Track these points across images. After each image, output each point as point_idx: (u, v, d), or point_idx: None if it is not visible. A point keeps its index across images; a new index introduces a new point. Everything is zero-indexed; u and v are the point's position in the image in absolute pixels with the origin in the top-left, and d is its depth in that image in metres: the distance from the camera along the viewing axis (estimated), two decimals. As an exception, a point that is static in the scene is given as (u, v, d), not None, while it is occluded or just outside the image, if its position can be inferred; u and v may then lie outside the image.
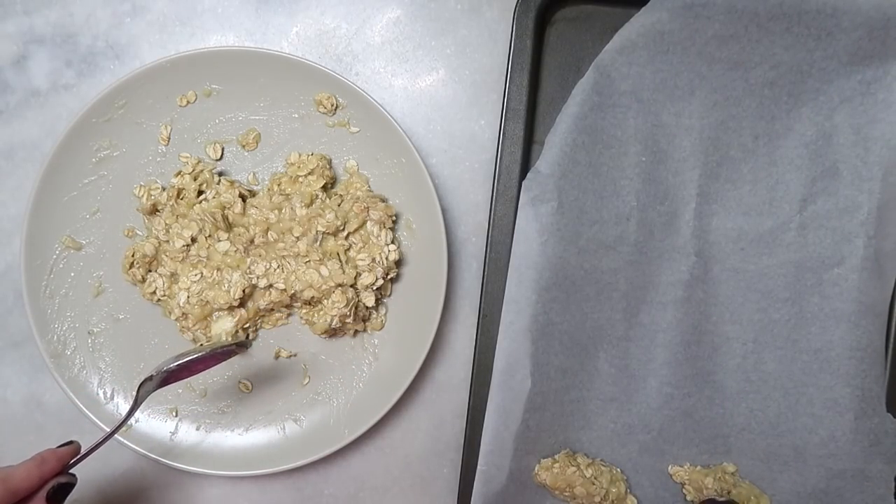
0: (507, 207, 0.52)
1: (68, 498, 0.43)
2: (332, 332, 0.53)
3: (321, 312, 0.52)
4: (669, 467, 0.53)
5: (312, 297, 0.51)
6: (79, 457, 0.44)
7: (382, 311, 0.55)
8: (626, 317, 0.52)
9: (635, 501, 0.53)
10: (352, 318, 0.52)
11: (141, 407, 0.53)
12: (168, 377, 0.46)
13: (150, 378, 0.46)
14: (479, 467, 0.50)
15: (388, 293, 0.54)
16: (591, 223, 0.51)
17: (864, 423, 0.51)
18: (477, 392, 0.53)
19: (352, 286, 0.52)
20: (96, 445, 0.45)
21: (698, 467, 0.53)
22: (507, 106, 0.53)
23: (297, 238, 0.52)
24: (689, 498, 0.53)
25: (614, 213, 0.52)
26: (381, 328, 0.54)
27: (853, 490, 0.51)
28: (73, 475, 0.43)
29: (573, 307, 0.51)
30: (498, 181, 0.53)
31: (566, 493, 0.51)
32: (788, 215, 0.52)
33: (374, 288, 0.53)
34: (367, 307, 0.53)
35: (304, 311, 0.53)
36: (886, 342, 0.52)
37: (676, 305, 0.52)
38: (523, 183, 0.50)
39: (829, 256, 0.52)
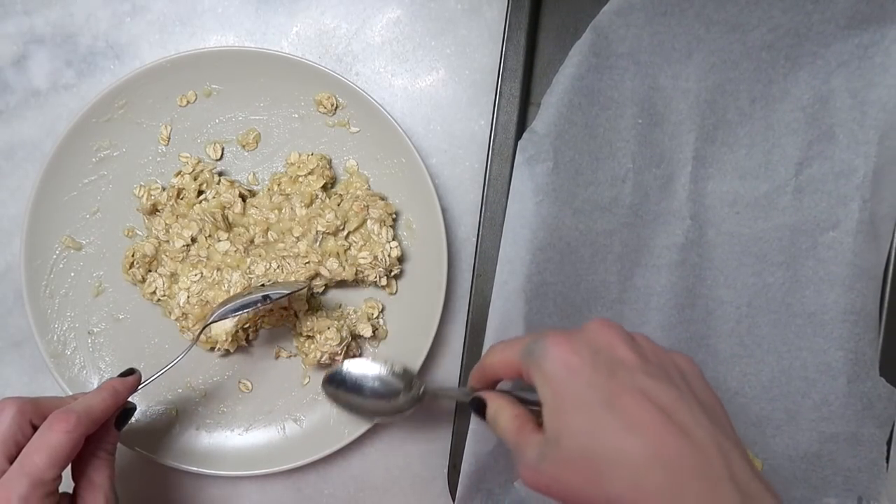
0: (503, 167, 0.53)
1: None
2: (324, 366, 0.53)
3: (313, 346, 0.52)
4: None
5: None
6: (143, 385, 0.47)
7: (382, 321, 0.55)
8: (621, 279, 0.52)
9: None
10: (342, 354, 0.52)
11: (142, 407, 0.53)
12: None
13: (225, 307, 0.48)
14: (470, 426, 0.50)
15: (394, 291, 0.54)
16: (586, 184, 0.51)
17: (857, 387, 0.51)
18: (469, 362, 0.52)
19: (351, 332, 0.53)
20: (155, 377, 0.48)
21: None
22: (503, 66, 0.53)
23: (297, 238, 0.52)
24: None
25: (610, 175, 0.52)
26: (384, 336, 0.54)
27: (846, 454, 0.51)
28: (133, 402, 0.46)
29: (567, 268, 0.51)
30: (494, 140, 0.53)
31: None
32: (784, 179, 0.52)
33: (378, 285, 0.53)
34: (361, 336, 0.53)
35: (300, 340, 0.53)
36: (881, 306, 0.52)
37: (671, 268, 0.52)
38: (519, 143, 0.50)
39: (825, 220, 0.52)
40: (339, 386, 0.49)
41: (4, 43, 0.56)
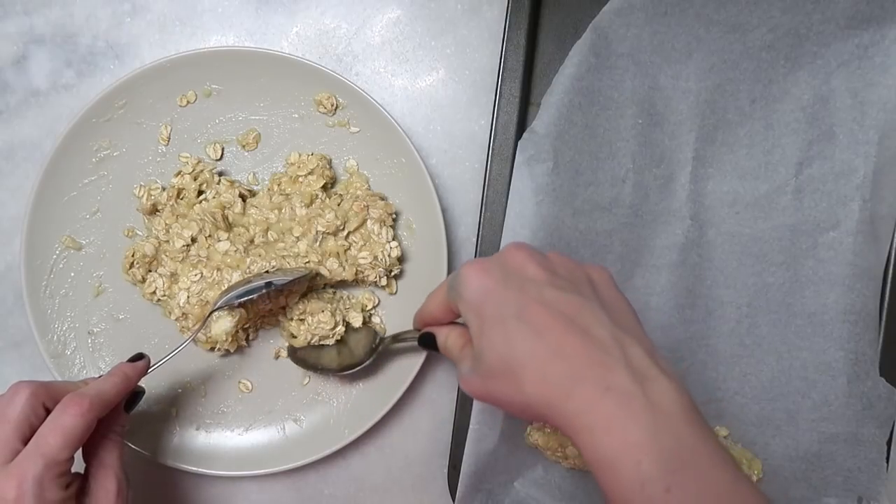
0: (503, 167, 0.53)
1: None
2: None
3: (303, 328, 0.52)
4: None
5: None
6: (152, 368, 0.48)
7: (377, 319, 0.55)
8: (621, 279, 0.52)
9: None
10: (332, 339, 0.52)
11: (141, 406, 0.53)
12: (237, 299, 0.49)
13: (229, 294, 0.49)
14: (471, 426, 0.50)
15: (394, 291, 0.54)
16: (586, 184, 0.51)
17: (857, 387, 0.51)
18: None
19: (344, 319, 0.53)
20: (165, 360, 0.48)
21: None
22: (503, 66, 0.53)
23: (297, 238, 0.52)
24: None
25: (610, 175, 0.52)
26: (383, 333, 0.54)
27: (845, 454, 0.51)
28: (142, 386, 0.48)
29: None
30: (494, 140, 0.53)
31: (558, 454, 0.51)
32: (784, 179, 0.52)
33: (378, 284, 0.53)
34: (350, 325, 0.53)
35: (289, 323, 0.53)
36: (881, 306, 0.52)
37: (671, 269, 0.52)
38: (519, 142, 0.50)
39: (825, 220, 0.52)
40: (300, 348, 0.52)
41: (4, 43, 0.56)
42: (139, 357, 0.47)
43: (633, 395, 0.32)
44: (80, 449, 0.43)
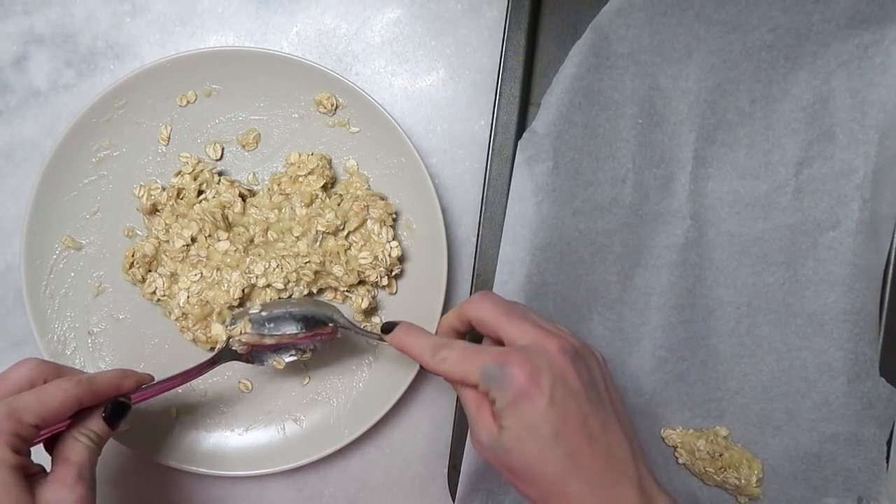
0: (503, 167, 0.53)
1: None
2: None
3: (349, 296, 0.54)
4: (662, 430, 0.53)
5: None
6: (146, 386, 0.47)
7: (377, 319, 0.55)
8: (621, 279, 0.52)
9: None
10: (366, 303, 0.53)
11: (141, 406, 0.53)
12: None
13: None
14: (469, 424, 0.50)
15: (395, 290, 0.54)
16: (586, 184, 0.51)
17: (857, 387, 0.51)
18: None
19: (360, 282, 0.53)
20: (168, 385, 0.48)
21: (691, 431, 0.53)
22: (503, 66, 0.53)
23: (297, 238, 0.52)
24: (681, 461, 0.53)
25: (610, 175, 0.52)
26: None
27: (846, 454, 0.51)
28: (130, 400, 0.45)
29: (567, 268, 0.51)
30: (494, 140, 0.53)
31: None
32: (784, 179, 0.52)
33: (378, 286, 0.54)
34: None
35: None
36: (880, 306, 0.52)
37: (671, 268, 0.52)
38: (519, 142, 0.50)
39: (825, 220, 0.52)
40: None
41: (4, 43, 0.56)
42: (146, 374, 0.47)
43: None
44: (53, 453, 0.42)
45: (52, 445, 0.42)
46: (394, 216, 0.53)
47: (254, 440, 0.54)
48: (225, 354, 0.50)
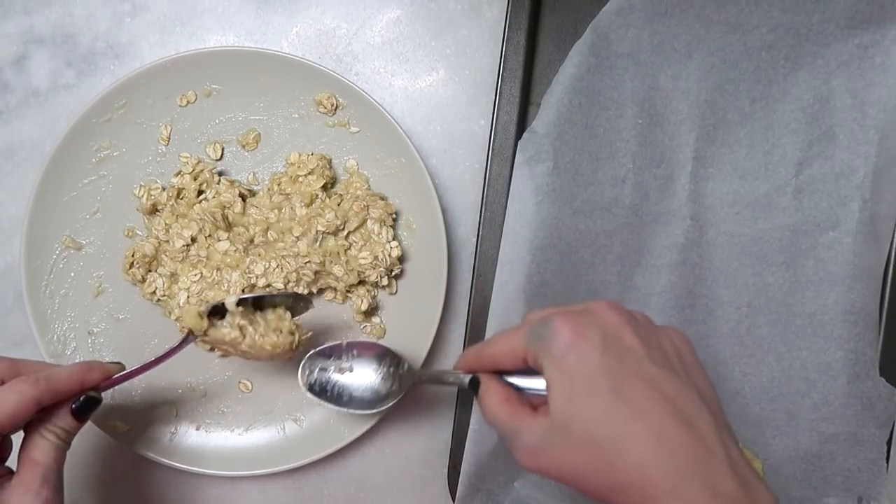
0: (503, 167, 0.53)
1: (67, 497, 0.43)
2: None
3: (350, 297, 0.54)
4: None
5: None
6: (121, 375, 0.44)
7: (377, 320, 0.55)
8: (621, 279, 0.52)
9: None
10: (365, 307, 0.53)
11: (141, 406, 0.53)
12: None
13: (217, 305, 0.47)
14: (471, 426, 0.50)
15: (395, 290, 0.54)
16: (586, 184, 0.51)
17: (857, 387, 0.51)
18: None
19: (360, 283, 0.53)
20: (139, 370, 0.46)
21: None
22: (503, 66, 0.53)
23: (297, 238, 0.52)
24: None
25: (610, 175, 0.52)
26: (382, 335, 0.54)
27: (846, 454, 0.51)
28: (100, 394, 0.43)
29: (568, 268, 0.51)
30: (494, 140, 0.53)
31: None
32: (784, 179, 0.52)
33: (378, 286, 0.53)
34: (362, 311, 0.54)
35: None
36: (880, 306, 0.52)
37: (671, 269, 0.52)
38: (519, 143, 0.50)
39: (825, 220, 0.52)
40: (321, 391, 0.47)
41: (4, 43, 0.56)
42: (115, 363, 0.45)
43: (739, 502, 0.31)
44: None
45: None
46: (394, 216, 0.53)
47: (254, 440, 0.54)
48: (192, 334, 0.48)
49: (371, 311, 0.54)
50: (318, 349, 0.47)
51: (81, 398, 0.42)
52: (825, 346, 0.52)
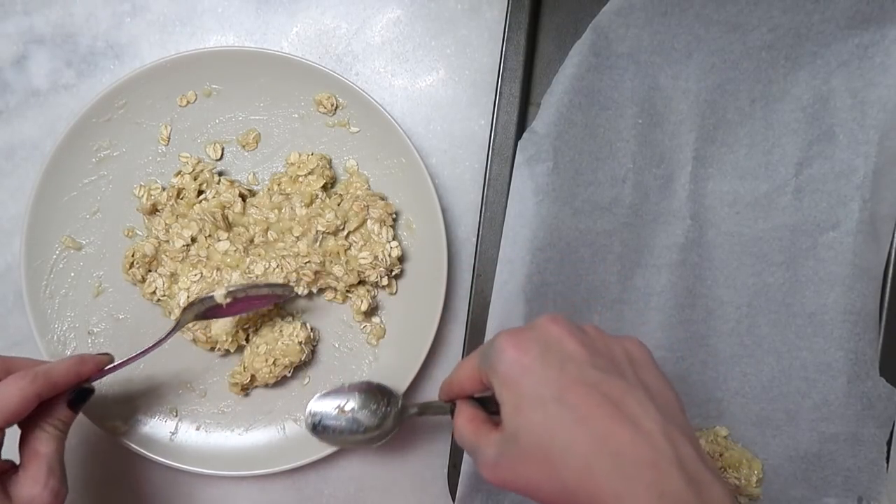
0: (503, 167, 0.53)
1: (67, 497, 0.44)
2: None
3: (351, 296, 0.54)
4: None
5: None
6: (111, 366, 0.47)
7: (377, 320, 0.55)
8: (621, 279, 0.52)
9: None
10: (365, 307, 0.53)
11: (141, 406, 0.53)
12: (209, 311, 0.50)
13: (193, 304, 0.49)
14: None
15: (395, 291, 0.54)
16: (586, 184, 0.51)
17: (857, 387, 0.51)
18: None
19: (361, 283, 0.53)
20: (129, 360, 0.48)
21: None
22: (503, 66, 0.53)
23: (297, 238, 0.52)
24: None
25: (610, 175, 0.52)
26: (382, 335, 0.54)
27: (846, 454, 0.51)
28: (93, 386, 0.45)
29: (568, 268, 0.51)
30: (494, 140, 0.53)
31: None
32: (784, 179, 0.52)
33: (378, 286, 0.53)
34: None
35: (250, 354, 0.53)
36: (881, 305, 0.52)
37: (671, 268, 0.52)
38: (519, 143, 0.50)
39: (825, 220, 0.52)
40: (324, 431, 0.49)
41: (4, 43, 0.56)
42: (104, 355, 0.46)
43: (688, 503, 0.30)
44: (18, 444, 0.42)
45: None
46: (394, 216, 0.53)
47: (254, 440, 0.54)
48: (182, 321, 0.50)
49: (371, 311, 0.54)
50: (322, 393, 0.49)
51: (75, 391, 0.44)
52: (825, 346, 0.52)
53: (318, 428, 0.49)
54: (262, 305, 0.52)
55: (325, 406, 0.49)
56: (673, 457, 0.31)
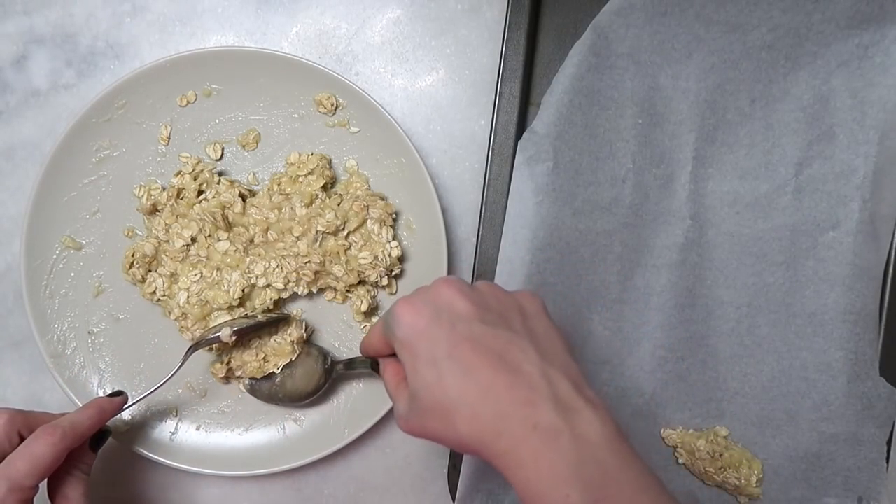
0: (503, 167, 0.53)
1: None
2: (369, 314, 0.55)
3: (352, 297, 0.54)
4: (662, 431, 0.53)
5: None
6: (129, 405, 0.49)
7: (377, 320, 0.55)
8: (621, 279, 0.52)
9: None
10: (365, 308, 0.53)
11: (141, 406, 0.53)
12: (211, 340, 0.51)
13: (199, 343, 0.51)
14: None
15: (395, 291, 0.54)
16: (586, 184, 0.51)
17: (857, 387, 0.51)
18: None
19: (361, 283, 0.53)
20: (143, 397, 0.50)
21: (691, 431, 0.53)
22: (503, 66, 0.53)
23: (297, 238, 0.52)
24: (681, 461, 0.53)
25: (610, 175, 0.52)
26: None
27: (845, 454, 0.51)
28: (109, 427, 0.49)
29: (567, 268, 0.51)
30: (494, 140, 0.53)
31: None
32: (784, 179, 0.52)
33: (378, 286, 0.53)
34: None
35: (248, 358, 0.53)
36: (880, 306, 0.52)
37: (671, 269, 0.52)
38: (519, 143, 0.50)
39: (825, 220, 0.52)
40: (259, 390, 0.53)
41: (4, 43, 0.56)
42: (117, 393, 0.49)
43: (560, 431, 0.34)
44: (47, 485, 0.44)
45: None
46: (394, 216, 0.53)
47: (254, 440, 0.54)
48: (187, 357, 0.51)
49: (371, 311, 0.54)
50: None
51: (96, 437, 0.47)
52: (825, 346, 0.52)
53: (255, 387, 0.53)
54: (263, 329, 0.53)
55: None
56: (548, 393, 0.35)
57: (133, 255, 0.53)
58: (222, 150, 0.55)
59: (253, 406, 0.54)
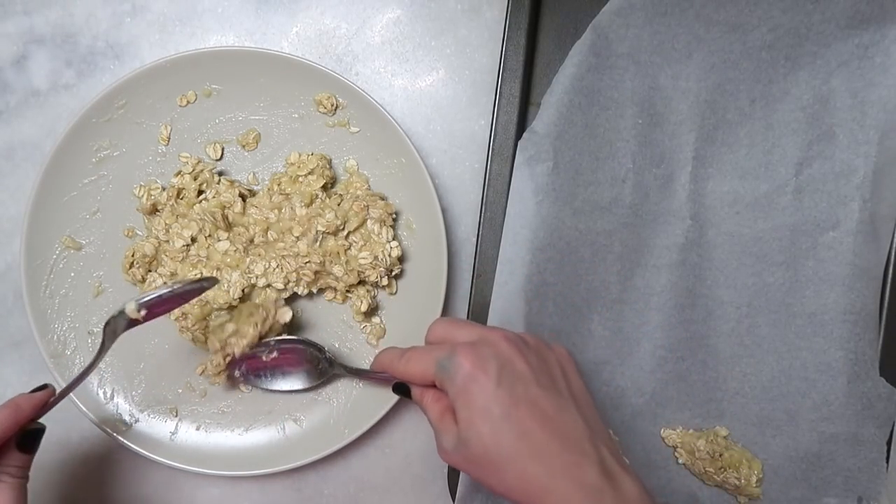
0: (503, 167, 0.53)
1: (68, 496, 0.43)
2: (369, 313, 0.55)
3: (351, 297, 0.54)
4: (662, 431, 0.53)
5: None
6: (55, 399, 0.44)
7: (377, 320, 0.55)
8: (621, 279, 0.52)
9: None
10: (365, 308, 0.53)
11: (141, 407, 0.53)
12: (131, 323, 0.46)
13: (116, 315, 0.45)
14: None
15: (394, 291, 0.54)
16: (586, 184, 0.51)
17: (858, 387, 0.51)
18: None
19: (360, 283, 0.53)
20: (65, 391, 0.45)
21: (691, 431, 0.53)
22: (503, 66, 0.53)
23: (297, 238, 0.52)
24: (680, 461, 0.53)
25: (610, 175, 0.52)
26: (382, 335, 0.54)
27: (846, 454, 0.51)
28: (42, 423, 0.43)
29: (567, 268, 0.51)
30: (494, 140, 0.53)
31: None
32: (784, 179, 0.53)
33: (378, 286, 0.53)
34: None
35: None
36: (880, 305, 0.52)
37: (671, 269, 0.52)
38: (519, 143, 0.50)
39: (825, 220, 0.52)
40: (255, 377, 0.53)
41: (4, 43, 0.56)
42: (42, 387, 0.44)
43: (603, 491, 0.37)
44: None
45: None
46: (394, 216, 0.53)
47: (254, 440, 0.54)
48: (106, 345, 0.46)
49: (371, 312, 0.54)
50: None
51: (21, 436, 0.41)
52: (825, 346, 0.52)
53: (249, 375, 0.53)
54: (186, 302, 0.47)
55: (256, 351, 0.52)
56: (596, 458, 0.38)
57: (133, 255, 0.53)
58: (222, 150, 0.55)
59: (253, 406, 0.54)
